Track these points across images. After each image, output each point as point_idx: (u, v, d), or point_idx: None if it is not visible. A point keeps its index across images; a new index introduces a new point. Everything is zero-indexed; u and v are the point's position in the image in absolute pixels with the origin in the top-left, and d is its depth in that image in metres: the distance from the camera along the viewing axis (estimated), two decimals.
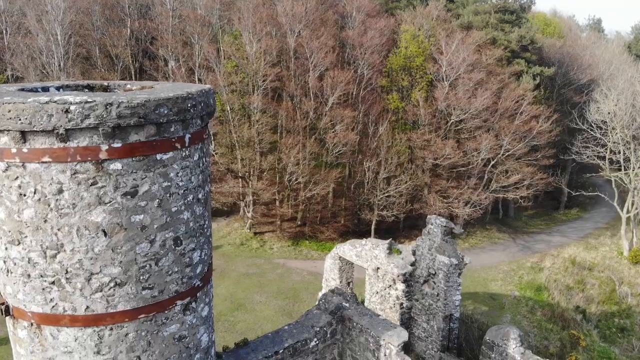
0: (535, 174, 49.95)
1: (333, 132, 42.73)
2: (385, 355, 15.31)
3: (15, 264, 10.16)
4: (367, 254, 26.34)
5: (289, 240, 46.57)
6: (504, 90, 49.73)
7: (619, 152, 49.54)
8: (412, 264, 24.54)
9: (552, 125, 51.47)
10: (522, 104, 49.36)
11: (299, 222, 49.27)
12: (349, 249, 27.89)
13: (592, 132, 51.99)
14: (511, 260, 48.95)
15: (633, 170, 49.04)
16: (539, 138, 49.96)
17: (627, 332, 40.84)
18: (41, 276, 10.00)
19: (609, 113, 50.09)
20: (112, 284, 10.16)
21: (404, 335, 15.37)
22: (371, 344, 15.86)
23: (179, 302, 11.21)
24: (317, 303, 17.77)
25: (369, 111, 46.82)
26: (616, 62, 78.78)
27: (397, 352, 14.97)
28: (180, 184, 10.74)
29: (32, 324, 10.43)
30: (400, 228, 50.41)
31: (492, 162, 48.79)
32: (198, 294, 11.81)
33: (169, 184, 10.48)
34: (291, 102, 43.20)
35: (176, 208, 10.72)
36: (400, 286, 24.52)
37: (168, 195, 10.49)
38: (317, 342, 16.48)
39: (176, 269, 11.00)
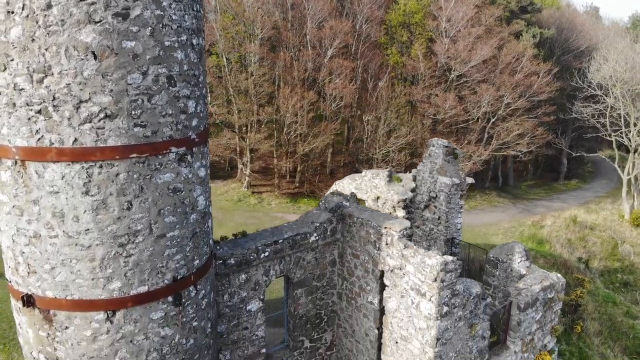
0: (535, 129, 49.50)
1: (332, 83, 42.14)
2: (387, 243, 14.83)
3: (0, 94, 9.64)
4: (367, 184, 25.86)
5: (287, 197, 46.15)
6: (504, 47, 49.24)
7: (619, 109, 49.04)
8: (413, 190, 24.07)
9: (552, 79, 51.00)
10: (521, 60, 48.91)
11: (297, 184, 48.81)
12: (348, 183, 27.40)
13: (592, 90, 51.48)
14: (511, 219, 48.57)
15: (635, 126, 48.58)
16: (539, 93, 49.47)
17: (630, 286, 40.41)
18: (27, 104, 9.47)
19: (609, 73, 49.66)
20: (102, 115, 9.63)
21: (405, 222, 14.90)
22: (372, 236, 15.38)
23: (173, 149, 10.70)
24: (317, 205, 17.31)
25: (368, 66, 46.28)
26: (614, 30, 78.66)
27: (399, 237, 14.50)
28: (174, 17, 10.20)
29: (16, 162, 9.87)
30: None
31: (493, 119, 48.32)
32: (194, 149, 11.32)
33: (162, 13, 9.93)
34: (289, 53, 42.56)
35: (169, 43, 10.19)
36: (401, 213, 24.02)
37: (161, 26, 9.95)
38: (317, 237, 16.00)
39: (170, 112, 10.48)
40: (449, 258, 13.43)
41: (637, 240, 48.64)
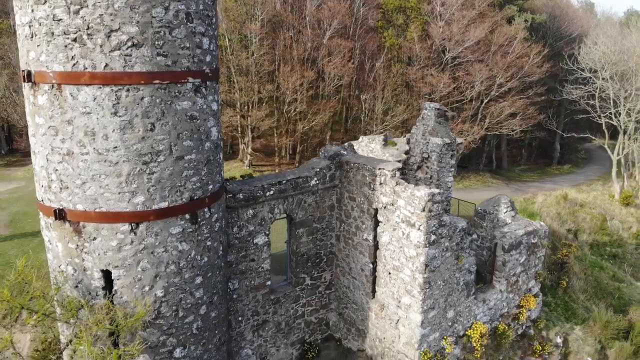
0: (527, 108, 50.96)
1: (331, 63, 43.49)
2: (380, 183, 16.20)
3: (40, 24, 10.94)
4: (364, 149, 27.21)
5: None
6: (496, 30, 50.57)
7: (608, 89, 50.35)
8: (407, 153, 25.40)
9: (542, 60, 52.44)
10: (513, 43, 50.31)
11: (297, 163, 50.27)
12: None
13: (582, 72, 52.80)
14: None
15: (624, 107, 49.97)
16: (530, 74, 50.89)
17: (618, 258, 41.90)
18: (64, 33, 10.79)
19: (598, 56, 51.02)
20: (129, 43, 10.96)
21: (397, 164, 16.28)
22: (367, 178, 16.75)
23: (190, 80, 12.03)
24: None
25: (366, 47, 47.69)
26: (606, 17, 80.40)
27: (391, 176, 15.86)
28: None
29: (52, 86, 11.20)
30: None
31: (486, 100, 49.71)
32: (208, 83, 12.65)
33: None
34: (289, 34, 43.91)
35: None
36: None
37: None
38: (317, 182, 17.39)
39: (188, 45, 11.81)
40: (436, 190, 14.80)
41: (627, 217, 50.14)
